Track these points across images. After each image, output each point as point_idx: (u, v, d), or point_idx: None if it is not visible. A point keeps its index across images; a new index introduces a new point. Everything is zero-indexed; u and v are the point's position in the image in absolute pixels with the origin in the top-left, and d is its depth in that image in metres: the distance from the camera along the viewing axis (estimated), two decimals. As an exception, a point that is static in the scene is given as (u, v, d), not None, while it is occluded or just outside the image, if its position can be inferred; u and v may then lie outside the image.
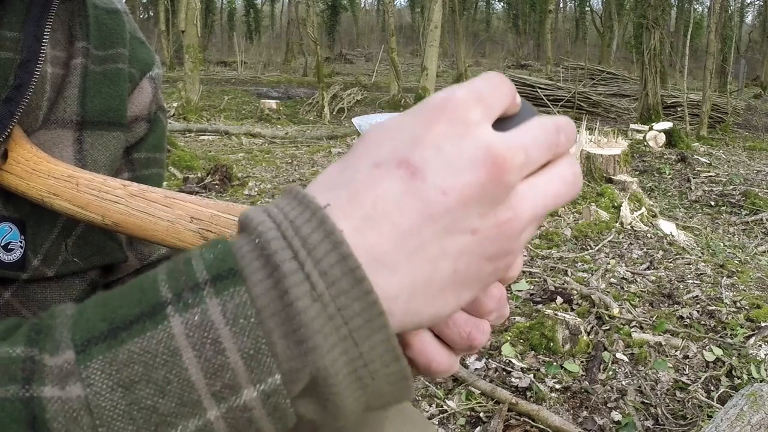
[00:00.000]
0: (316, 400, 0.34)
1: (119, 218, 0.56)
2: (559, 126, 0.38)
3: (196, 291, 0.33)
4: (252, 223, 0.34)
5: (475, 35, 43.02)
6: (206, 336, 0.32)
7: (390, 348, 0.34)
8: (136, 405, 0.32)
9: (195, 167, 6.28)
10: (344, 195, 0.35)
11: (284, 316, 0.32)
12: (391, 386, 0.35)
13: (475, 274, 0.36)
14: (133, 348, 0.32)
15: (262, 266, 0.33)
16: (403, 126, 0.36)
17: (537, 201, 0.36)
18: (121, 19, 0.71)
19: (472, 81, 0.37)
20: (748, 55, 33.02)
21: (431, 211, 0.34)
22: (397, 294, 0.34)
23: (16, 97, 0.58)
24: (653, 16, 11.13)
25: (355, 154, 0.36)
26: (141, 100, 0.72)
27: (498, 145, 0.35)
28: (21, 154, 0.59)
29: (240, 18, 44.73)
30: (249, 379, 0.32)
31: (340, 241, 0.33)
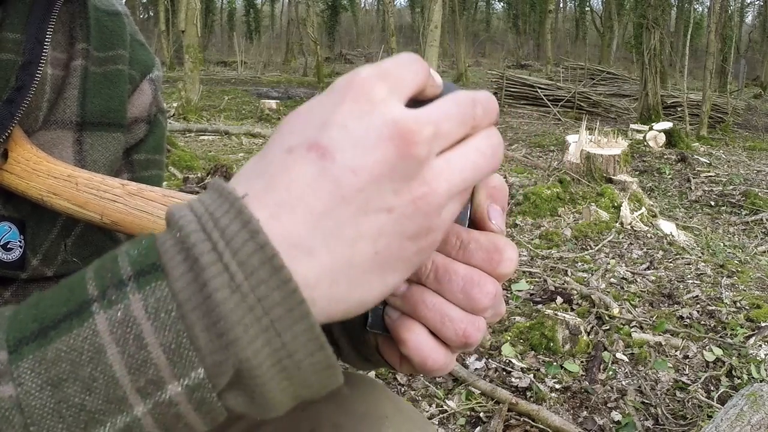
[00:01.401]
0: (243, 392, 0.34)
1: (118, 217, 0.56)
2: (475, 100, 0.38)
3: (119, 287, 0.33)
4: (174, 217, 0.34)
5: (475, 35, 43.02)
6: (129, 332, 0.32)
7: (313, 337, 0.33)
8: (64, 403, 0.32)
9: (195, 167, 6.28)
10: (261, 183, 0.35)
11: (205, 308, 0.32)
12: (317, 375, 0.35)
13: (397, 255, 0.35)
14: (60, 346, 0.32)
15: (183, 260, 0.33)
16: (313, 110, 0.36)
17: (453, 175, 0.36)
18: (121, 21, 0.71)
19: (381, 61, 0.37)
20: (748, 55, 33.02)
21: (343, 191, 0.34)
22: (317, 280, 0.34)
23: (17, 99, 0.58)
24: (653, 16, 11.13)
25: (271, 142, 0.36)
26: (141, 102, 0.72)
27: (404, 119, 0.34)
28: (21, 154, 0.59)
29: (240, 18, 44.75)
30: (172, 373, 0.32)
31: (257, 230, 0.33)
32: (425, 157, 0.35)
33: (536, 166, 7.23)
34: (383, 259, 0.35)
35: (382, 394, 0.64)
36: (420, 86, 0.37)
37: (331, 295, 0.34)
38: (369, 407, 0.61)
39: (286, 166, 0.34)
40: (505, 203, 0.45)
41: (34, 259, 0.63)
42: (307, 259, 0.34)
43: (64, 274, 0.66)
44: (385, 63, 0.37)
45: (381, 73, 0.36)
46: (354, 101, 0.35)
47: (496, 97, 0.40)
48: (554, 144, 9.00)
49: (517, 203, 4.83)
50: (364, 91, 0.35)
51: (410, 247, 0.36)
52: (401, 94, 0.36)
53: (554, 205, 4.74)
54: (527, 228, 4.56)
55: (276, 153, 0.35)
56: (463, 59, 21.87)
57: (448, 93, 0.39)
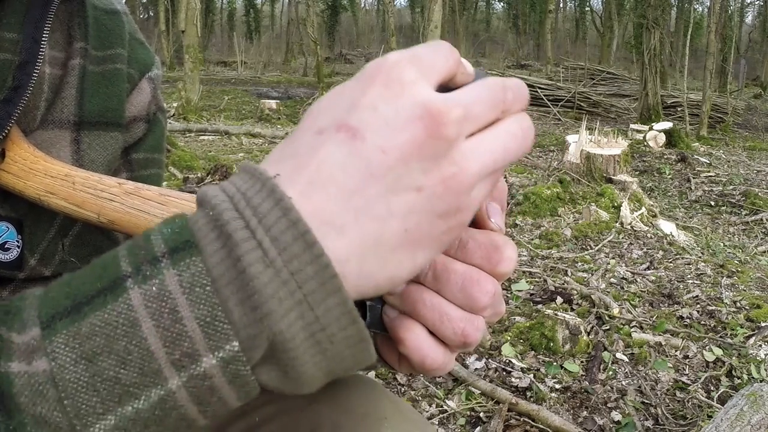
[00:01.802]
0: (277, 366, 0.34)
1: (115, 216, 0.56)
2: (506, 85, 0.39)
3: (154, 263, 0.34)
4: (206, 197, 0.35)
5: (475, 35, 43.04)
6: (164, 306, 0.33)
7: (346, 311, 0.34)
8: (99, 376, 0.32)
9: (195, 167, 6.28)
10: (291, 164, 0.35)
11: (239, 283, 0.33)
12: (350, 349, 0.35)
13: (427, 233, 0.36)
14: (94, 321, 0.33)
15: (217, 237, 0.33)
16: (342, 93, 0.37)
17: (484, 156, 0.36)
18: (120, 19, 0.70)
19: (413, 47, 0.38)
20: (748, 55, 33.04)
21: (373, 170, 0.34)
22: (348, 256, 0.34)
23: (14, 98, 0.58)
24: (653, 16, 11.13)
25: (301, 126, 0.37)
26: (140, 101, 0.71)
27: (434, 100, 0.35)
28: (18, 154, 0.59)
29: (240, 18, 44.78)
30: (207, 346, 0.33)
31: (289, 207, 0.33)
32: (454, 137, 0.35)
33: (536, 166, 7.23)
34: (413, 236, 0.36)
35: (382, 394, 0.64)
36: (450, 72, 0.38)
37: (362, 270, 0.35)
38: (368, 408, 0.61)
39: (316, 147, 0.35)
40: (505, 202, 0.45)
41: (31, 258, 0.63)
42: (338, 236, 0.34)
43: (62, 274, 0.66)
44: (415, 48, 0.38)
45: (411, 58, 0.37)
46: (384, 84, 0.36)
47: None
48: (554, 144, 9.00)
49: (517, 203, 4.83)
50: (394, 74, 0.36)
51: (440, 226, 0.36)
52: (431, 78, 0.37)
53: (554, 205, 4.74)
54: (527, 228, 4.56)
55: (306, 135, 0.36)
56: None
57: (479, 80, 0.39)
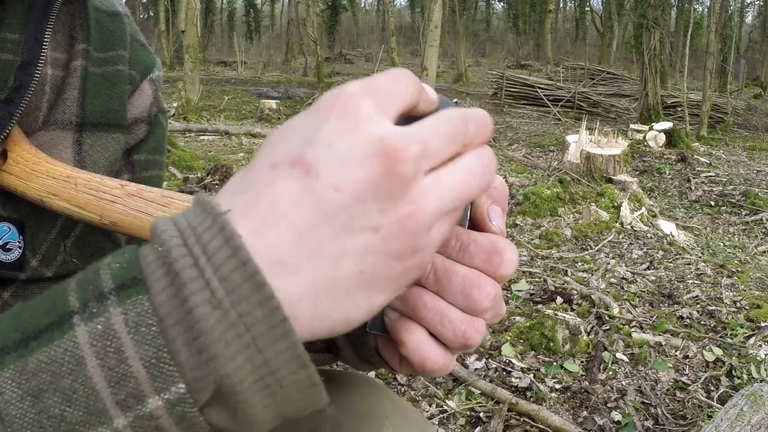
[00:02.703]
0: (225, 408, 0.34)
1: (117, 218, 0.56)
2: (467, 117, 0.37)
3: (101, 300, 0.33)
4: (157, 231, 0.34)
5: (475, 35, 43.02)
6: (109, 345, 0.32)
7: (296, 354, 0.33)
8: (45, 413, 0.32)
9: (195, 167, 6.28)
10: (245, 198, 0.34)
11: (185, 324, 0.32)
12: (300, 393, 0.35)
13: (383, 274, 0.35)
14: (41, 357, 0.32)
15: (165, 274, 0.33)
16: (299, 125, 0.36)
17: (442, 193, 0.35)
18: (121, 21, 0.70)
19: (371, 77, 0.37)
20: (748, 55, 33.02)
21: (327, 208, 0.33)
22: (300, 297, 0.33)
23: (16, 99, 0.58)
24: (653, 16, 11.13)
25: (257, 158, 0.36)
26: (141, 102, 0.72)
27: (390, 136, 0.34)
28: (20, 155, 0.59)
29: (240, 18, 44.76)
30: (153, 388, 0.32)
31: (239, 246, 0.32)
32: (412, 175, 0.34)
33: (536, 166, 7.23)
34: (369, 277, 0.35)
35: (382, 394, 0.64)
36: (410, 103, 0.37)
37: (315, 312, 0.34)
38: (369, 407, 0.61)
39: (270, 182, 0.34)
40: (506, 204, 0.44)
41: (33, 259, 0.63)
42: (290, 276, 0.33)
43: (64, 274, 0.66)
44: (373, 78, 0.36)
45: (368, 89, 0.35)
46: (339, 118, 0.34)
47: (496, 97, 0.39)
48: (554, 144, 9.00)
49: (517, 203, 4.83)
50: (349, 107, 0.35)
51: (397, 267, 0.35)
52: (389, 111, 0.35)
53: (554, 205, 4.74)
54: (527, 228, 4.56)
55: (260, 169, 0.35)
56: (463, 59, 21.86)
57: (444, 109, 0.38)
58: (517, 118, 12.57)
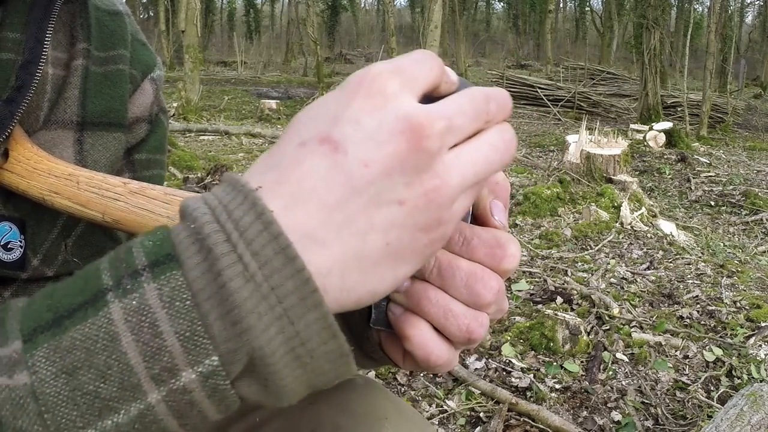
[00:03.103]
0: (257, 380, 0.34)
1: (119, 215, 0.56)
2: (489, 96, 0.38)
3: (134, 277, 0.34)
4: (188, 209, 0.35)
5: (475, 35, 43.02)
6: (144, 320, 0.33)
7: (326, 325, 0.34)
8: (79, 390, 0.32)
9: (195, 167, 6.28)
10: (273, 176, 0.35)
11: (219, 297, 0.33)
12: (331, 364, 0.35)
13: (409, 246, 0.36)
14: (75, 335, 0.33)
15: (198, 251, 0.33)
16: (326, 105, 0.37)
17: (465, 168, 0.36)
18: (122, 20, 0.71)
19: (396, 58, 0.38)
20: (748, 55, 33.03)
21: (355, 183, 0.34)
22: (329, 269, 0.34)
23: (17, 98, 0.58)
24: (653, 16, 11.13)
25: (284, 137, 0.37)
26: (142, 102, 0.72)
27: (417, 113, 0.35)
28: (22, 153, 0.59)
29: (240, 18, 44.76)
30: (186, 361, 0.33)
31: (271, 221, 0.33)
32: (437, 150, 0.35)
33: (536, 166, 7.23)
34: (394, 250, 0.36)
35: (382, 394, 0.64)
36: (434, 83, 0.38)
37: (343, 284, 0.35)
38: (369, 408, 0.61)
39: (298, 160, 0.35)
40: (508, 199, 0.45)
41: (34, 259, 0.63)
42: (320, 250, 0.34)
43: (65, 274, 0.66)
44: (398, 59, 0.37)
45: (394, 69, 0.37)
46: (366, 96, 0.35)
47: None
48: (554, 144, 9.00)
49: (517, 203, 4.83)
50: (376, 86, 0.36)
51: (421, 239, 0.36)
52: (414, 90, 0.36)
53: (554, 205, 4.74)
54: (527, 228, 4.56)
55: (289, 147, 0.36)
56: (463, 59, 21.87)
57: (463, 89, 0.39)
58: (517, 118, 12.57)
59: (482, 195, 0.43)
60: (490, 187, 0.44)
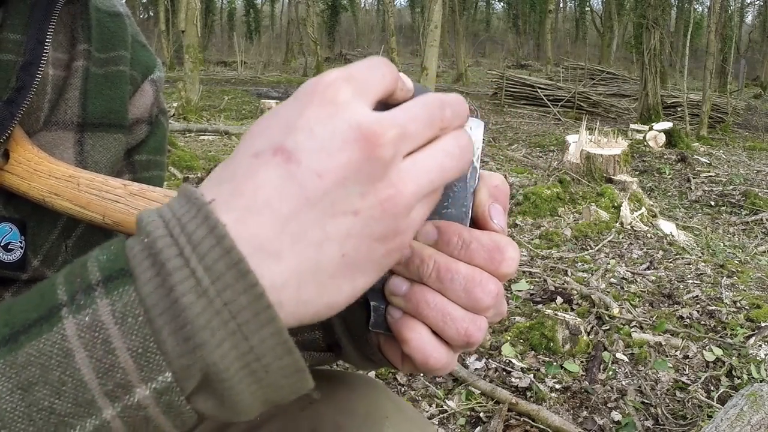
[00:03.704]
0: (213, 395, 0.34)
1: (120, 217, 0.56)
2: (443, 102, 0.38)
3: (88, 292, 0.33)
4: (142, 223, 0.34)
5: (475, 35, 43.01)
6: (97, 336, 0.33)
7: (281, 341, 0.34)
8: (34, 406, 0.32)
9: (195, 167, 6.28)
10: (228, 188, 0.35)
11: (172, 313, 0.33)
12: (286, 379, 0.35)
13: (365, 257, 0.35)
14: (30, 350, 0.33)
15: (150, 265, 0.33)
16: (280, 115, 0.36)
17: (421, 176, 0.36)
18: (123, 22, 0.71)
19: (349, 65, 0.37)
20: (748, 55, 33.02)
21: (308, 194, 0.34)
22: (284, 282, 0.34)
23: (18, 99, 0.58)
24: (653, 16, 11.13)
25: (239, 148, 0.37)
26: (142, 103, 0.72)
27: (369, 121, 0.35)
28: (22, 155, 0.59)
29: (240, 18, 44.76)
30: (140, 377, 0.33)
31: (223, 235, 0.33)
32: (390, 158, 0.35)
33: (536, 166, 7.23)
34: (351, 261, 0.35)
35: (383, 394, 0.64)
36: (387, 89, 0.38)
37: (299, 297, 0.34)
38: (370, 408, 0.61)
39: (252, 171, 0.35)
40: (507, 202, 0.45)
41: (34, 260, 0.63)
42: (274, 263, 0.34)
43: None
44: (351, 66, 0.37)
45: (346, 77, 0.36)
46: (319, 105, 0.35)
47: (495, 97, 0.40)
48: (554, 144, 9.00)
49: (517, 203, 4.83)
50: (328, 94, 0.35)
51: (378, 249, 0.36)
52: (367, 97, 0.36)
53: (554, 205, 4.74)
54: (527, 228, 4.56)
55: (243, 158, 0.36)
56: (463, 59, 21.86)
57: (419, 96, 0.39)
58: (517, 118, 12.57)
59: (482, 199, 0.43)
60: (489, 190, 0.43)
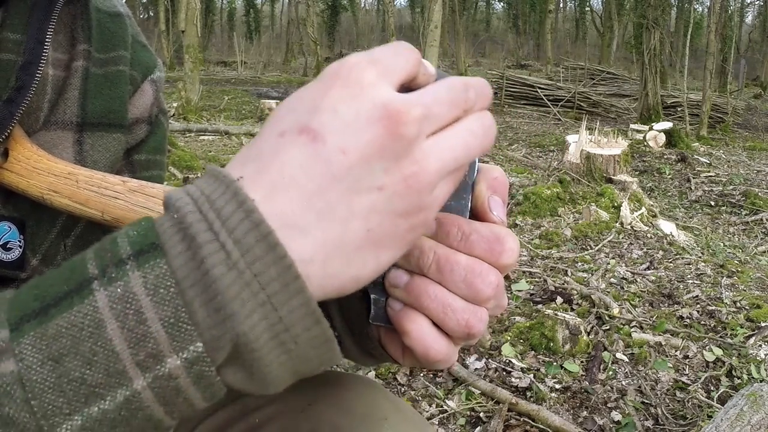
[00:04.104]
0: (242, 367, 0.35)
1: (119, 214, 0.56)
2: (467, 84, 0.39)
3: (120, 266, 0.34)
4: (172, 200, 0.35)
5: (475, 35, 43.03)
6: (128, 307, 0.33)
7: (310, 311, 0.34)
8: (65, 377, 0.33)
9: (195, 167, 6.28)
10: (255, 166, 0.36)
11: (203, 285, 0.33)
12: (315, 350, 0.36)
13: (390, 232, 0.36)
14: (61, 323, 0.33)
15: (181, 239, 0.34)
16: (304, 96, 0.37)
17: (444, 153, 0.37)
18: (123, 22, 0.71)
19: (372, 49, 0.38)
20: (748, 55, 33.03)
21: (334, 171, 0.35)
22: (311, 256, 0.35)
23: (17, 99, 0.58)
24: (653, 16, 11.13)
25: (264, 129, 0.38)
26: (142, 103, 0.72)
27: (393, 101, 0.35)
28: (21, 153, 0.59)
29: (240, 18, 44.79)
30: (171, 347, 0.33)
31: (252, 209, 0.34)
32: (414, 136, 0.35)
33: (536, 166, 7.24)
34: (376, 236, 0.36)
35: (382, 395, 0.64)
36: (410, 73, 0.38)
37: (326, 271, 0.35)
38: (368, 408, 0.61)
39: (278, 150, 0.36)
40: (506, 195, 0.45)
41: (33, 258, 0.63)
42: (302, 237, 0.35)
43: None
44: (375, 50, 0.38)
45: (370, 59, 0.37)
46: (343, 86, 0.36)
47: (496, 97, 0.40)
48: (554, 144, 9.00)
49: (517, 203, 4.83)
50: (353, 75, 0.36)
51: (402, 225, 0.36)
52: (391, 79, 0.37)
53: (554, 205, 4.74)
54: (527, 228, 4.56)
55: (268, 138, 0.37)
56: (463, 59, 21.87)
57: (443, 79, 0.40)
58: (517, 118, 12.57)
59: (481, 191, 0.44)
60: (488, 183, 0.44)
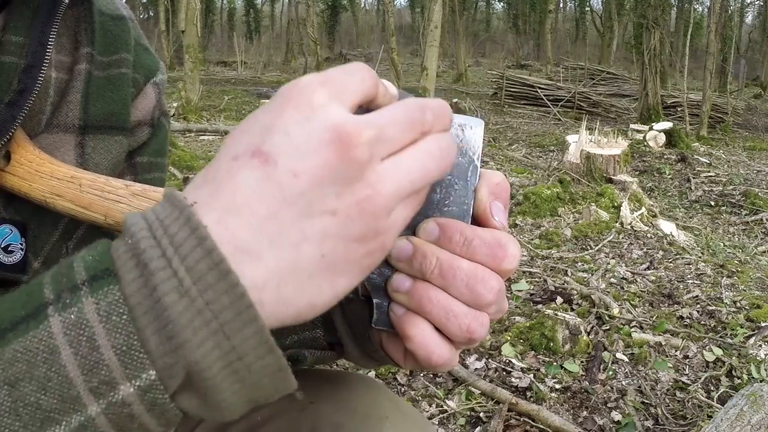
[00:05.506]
0: (196, 394, 0.35)
1: (122, 218, 0.56)
2: (425, 106, 0.39)
3: (74, 291, 0.34)
4: (127, 224, 0.35)
5: (475, 35, 42.97)
6: (82, 334, 0.33)
7: (263, 340, 0.34)
8: (21, 401, 0.33)
9: (195, 167, 6.28)
10: (209, 190, 0.36)
11: (155, 312, 0.33)
12: (269, 378, 0.36)
13: (345, 258, 0.36)
14: (17, 347, 0.34)
15: (134, 266, 0.34)
16: (259, 118, 0.37)
17: (400, 176, 0.36)
18: (126, 25, 0.71)
19: (327, 70, 0.38)
20: (748, 55, 33.01)
21: (286, 194, 0.34)
22: (264, 282, 0.34)
23: (19, 101, 0.58)
24: (653, 16, 11.13)
25: (220, 153, 0.38)
26: (144, 106, 0.72)
27: (343, 123, 0.35)
28: (24, 156, 0.59)
29: (240, 18, 44.76)
30: (124, 375, 0.33)
31: (204, 236, 0.33)
32: (366, 159, 0.35)
33: (536, 166, 7.23)
34: (330, 261, 0.36)
35: (383, 394, 0.64)
36: (366, 94, 0.38)
37: (280, 297, 0.35)
38: (369, 408, 0.61)
39: (231, 173, 0.35)
40: (508, 200, 0.45)
41: (35, 262, 0.63)
42: (254, 263, 0.34)
43: None
44: (329, 71, 0.38)
45: (323, 80, 0.37)
46: (295, 107, 0.36)
47: (496, 97, 0.40)
48: (554, 144, 9.00)
49: (517, 203, 4.84)
50: (305, 97, 0.36)
51: (358, 250, 0.36)
52: (344, 101, 0.37)
53: (554, 205, 4.74)
54: (527, 228, 4.56)
55: (223, 162, 0.36)
56: (463, 59, 21.86)
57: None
58: (517, 118, 12.57)
59: (482, 196, 0.44)
60: (490, 188, 0.44)
